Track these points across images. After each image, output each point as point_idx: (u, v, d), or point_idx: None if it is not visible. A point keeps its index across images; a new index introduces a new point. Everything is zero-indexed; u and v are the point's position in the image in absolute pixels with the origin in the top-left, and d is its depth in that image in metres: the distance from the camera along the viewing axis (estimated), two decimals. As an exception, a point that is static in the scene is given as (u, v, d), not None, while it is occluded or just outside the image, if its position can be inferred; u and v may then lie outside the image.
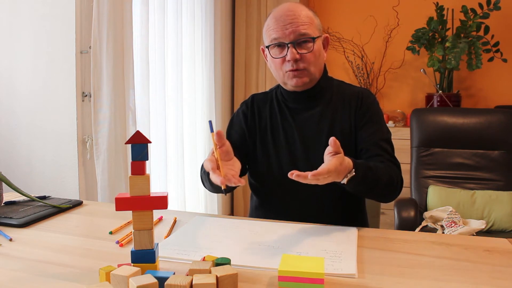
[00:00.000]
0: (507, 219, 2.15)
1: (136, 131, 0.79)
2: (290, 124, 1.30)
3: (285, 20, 1.21)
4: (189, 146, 2.86)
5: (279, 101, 1.34)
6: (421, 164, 2.42)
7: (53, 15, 1.86)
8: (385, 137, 1.26)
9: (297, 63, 1.22)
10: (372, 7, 3.47)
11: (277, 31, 1.21)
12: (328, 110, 1.29)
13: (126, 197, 0.78)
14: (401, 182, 1.23)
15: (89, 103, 1.91)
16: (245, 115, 1.37)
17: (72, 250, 0.94)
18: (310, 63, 1.23)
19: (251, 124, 1.35)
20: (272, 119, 1.33)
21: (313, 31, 1.22)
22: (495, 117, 2.37)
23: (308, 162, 1.26)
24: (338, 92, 1.32)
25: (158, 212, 1.20)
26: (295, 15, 1.21)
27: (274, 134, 1.31)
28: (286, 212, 1.25)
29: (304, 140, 1.28)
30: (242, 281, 0.78)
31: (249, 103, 1.39)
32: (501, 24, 3.16)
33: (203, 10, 2.94)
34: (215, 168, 0.93)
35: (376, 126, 1.27)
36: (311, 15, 1.25)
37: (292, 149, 1.28)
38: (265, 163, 1.31)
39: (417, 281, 0.80)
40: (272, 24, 1.23)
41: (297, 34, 1.20)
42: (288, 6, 1.24)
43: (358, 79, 3.47)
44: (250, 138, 1.35)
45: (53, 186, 1.91)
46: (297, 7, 1.23)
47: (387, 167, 1.19)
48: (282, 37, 1.21)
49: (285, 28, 1.20)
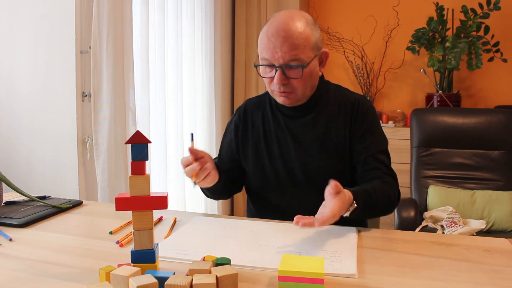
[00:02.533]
0: (507, 219, 2.15)
1: (136, 131, 0.79)
2: (284, 130, 1.27)
3: (276, 41, 1.12)
4: (189, 146, 2.85)
5: (272, 107, 1.31)
6: (421, 164, 2.42)
7: (53, 15, 1.86)
8: (382, 148, 1.25)
9: (284, 86, 1.16)
10: (372, 7, 3.47)
11: (267, 52, 1.14)
12: (322, 117, 1.26)
13: (126, 197, 0.78)
14: (398, 196, 1.24)
15: (89, 103, 1.91)
16: (237, 126, 1.34)
17: (72, 250, 0.94)
18: (298, 87, 1.17)
19: (243, 134, 1.33)
20: (265, 125, 1.30)
21: (306, 54, 1.14)
22: (495, 117, 2.37)
23: (303, 169, 1.25)
24: (335, 98, 1.28)
25: (158, 212, 1.20)
26: (288, 36, 1.12)
27: (267, 142, 1.29)
28: (284, 219, 1.24)
29: (298, 147, 1.25)
30: (242, 281, 0.78)
31: (241, 113, 1.35)
32: (501, 24, 3.16)
33: (203, 10, 2.94)
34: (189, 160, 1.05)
35: (372, 137, 1.25)
36: (307, 34, 1.14)
37: (286, 156, 1.26)
38: (260, 171, 1.29)
39: (417, 281, 0.80)
40: (264, 41, 1.15)
41: (287, 60, 1.13)
42: (283, 23, 1.13)
43: (358, 79, 3.47)
44: (241, 148, 1.33)
45: (53, 186, 1.91)
46: (292, 24, 1.13)
47: (385, 185, 1.18)
48: (272, 59, 1.14)
49: (275, 50, 1.13)
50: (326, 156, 1.24)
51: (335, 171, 1.23)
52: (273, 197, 1.29)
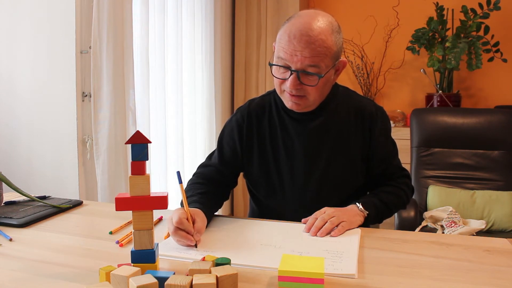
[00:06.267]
0: (507, 219, 2.15)
1: (136, 131, 0.79)
2: (290, 135, 1.23)
3: (298, 44, 1.06)
4: (189, 146, 2.86)
5: (278, 109, 1.25)
6: (421, 164, 2.42)
7: (53, 15, 1.86)
8: (395, 153, 1.30)
9: (297, 90, 1.11)
10: (372, 7, 3.47)
11: (285, 53, 1.08)
12: (332, 122, 1.22)
13: (126, 197, 0.78)
14: (411, 192, 1.31)
15: (89, 103, 1.91)
16: (240, 126, 1.27)
17: (72, 250, 0.94)
18: (311, 94, 1.12)
19: (248, 136, 1.26)
20: (271, 129, 1.25)
21: (326, 62, 1.09)
22: (495, 117, 2.37)
23: (309, 175, 1.22)
24: (344, 102, 1.24)
25: (158, 212, 1.20)
26: (311, 41, 1.05)
27: (273, 146, 1.24)
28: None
29: (305, 153, 1.21)
30: (242, 281, 0.78)
31: (245, 113, 1.27)
32: (501, 24, 3.16)
33: (203, 10, 2.94)
34: (185, 220, 0.95)
35: (387, 147, 1.27)
36: (331, 42, 1.08)
37: (293, 161, 1.23)
38: (264, 174, 1.26)
39: (417, 281, 0.80)
40: (284, 41, 1.09)
41: (305, 65, 1.07)
42: (308, 26, 1.07)
43: (358, 79, 3.47)
44: (246, 151, 1.26)
45: (53, 186, 1.91)
46: (316, 29, 1.06)
47: (399, 192, 1.26)
48: (289, 61, 1.08)
49: (294, 53, 1.07)
50: (334, 162, 1.22)
51: (343, 178, 1.23)
52: (277, 202, 1.27)
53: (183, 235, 0.94)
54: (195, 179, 1.28)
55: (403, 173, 1.31)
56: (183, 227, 0.94)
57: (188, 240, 0.93)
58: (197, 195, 1.16)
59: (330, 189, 1.22)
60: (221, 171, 1.29)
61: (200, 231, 0.98)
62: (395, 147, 1.30)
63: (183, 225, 0.94)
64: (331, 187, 1.22)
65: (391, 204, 1.22)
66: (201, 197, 1.15)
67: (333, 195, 1.22)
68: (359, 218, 1.11)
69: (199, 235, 0.97)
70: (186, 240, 0.93)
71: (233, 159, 1.29)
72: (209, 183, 1.25)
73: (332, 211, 1.08)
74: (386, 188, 1.25)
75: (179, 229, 0.94)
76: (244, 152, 1.27)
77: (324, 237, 1.02)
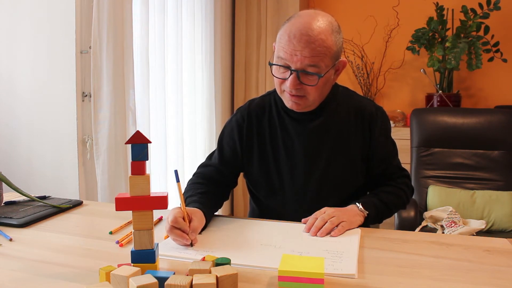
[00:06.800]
0: (507, 219, 2.15)
1: (136, 131, 0.79)
2: (290, 135, 1.23)
3: (298, 44, 1.06)
4: (189, 146, 2.85)
5: (278, 109, 1.25)
6: (421, 164, 2.42)
7: (53, 15, 1.86)
8: (395, 153, 1.30)
9: (297, 90, 1.12)
10: (372, 7, 3.47)
11: (285, 52, 1.09)
12: (332, 122, 1.22)
13: (126, 197, 0.78)
14: (411, 193, 1.31)
15: (89, 103, 1.91)
16: (240, 126, 1.27)
17: (72, 250, 0.94)
18: (311, 93, 1.12)
19: (248, 136, 1.26)
20: (271, 129, 1.25)
21: (326, 62, 1.09)
22: (495, 117, 2.37)
23: (309, 175, 1.22)
24: (344, 103, 1.24)
25: (158, 212, 1.20)
26: (311, 41, 1.06)
27: (274, 146, 1.24)
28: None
29: (305, 153, 1.22)
30: (242, 281, 0.78)
31: (245, 114, 1.28)
32: (501, 24, 3.16)
33: (203, 10, 2.94)
34: (180, 219, 0.95)
35: (387, 147, 1.27)
36: (330, 42, 1.08)
37: (292, 161, 1.23)
38: (264, 174, 1.26)
39: (417, 281, 0.80)
40: (284, 40, 1.09)
41: (305, 64, 1.08)
42: (307, 26, 1.07)
43: (358, 79, 3.47)
44: (246, 152, 1.27)
45: (53, 186, 1.91)
46: (316, 29, 1.07)
47: (399, 192, 1.26)
48: (289, 61, 1.09)
49: (294, 53, 1.07)
50: (334, 162, 1.22)
51: (343, 178, 1.23)
52: (277, 202, 1.27)
53: (178, 233, 0.94)
54: (195, 179, 1.28)
55: (403, 173, 1.31)
56: (179, 226, 0.94)
57: (183, 239, 0.94)
58: (197, 195, 1.16)
59: (330, 189, 1.23)
60: (221, 171, 1.29)
61: (196, 230, 0.98)
62: (395, 147, 1.30)
63: (179, 224, 0.94)
64: (331, 187, 1.23)
65: (391, 204, 1.22)
66: (201, 197, 1.15)
67: (333, 195, 1.22)
68: (359, 218, 1.12)
69: (195, 234, 0.97)
70: (181, 239, 0.94)
71: (233, 159, 1.29)
72: (209, 183, 1.25)
73: (332, 211, 1.08)
74: (386, 188, 1.25)
75: (174, 228, 0.95)
76: (244, 152, 1.27)
77: (324, 237, 1.02)
